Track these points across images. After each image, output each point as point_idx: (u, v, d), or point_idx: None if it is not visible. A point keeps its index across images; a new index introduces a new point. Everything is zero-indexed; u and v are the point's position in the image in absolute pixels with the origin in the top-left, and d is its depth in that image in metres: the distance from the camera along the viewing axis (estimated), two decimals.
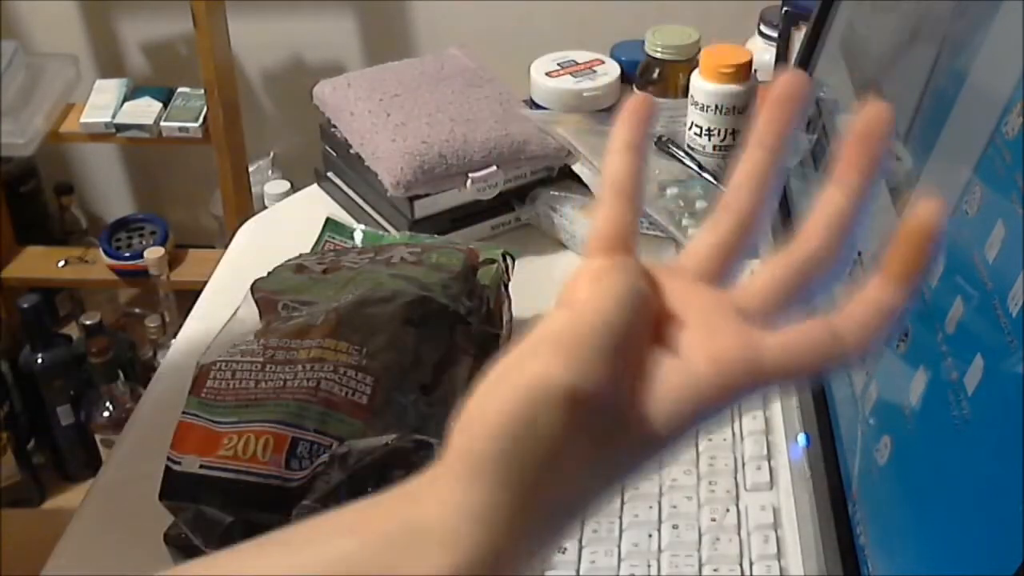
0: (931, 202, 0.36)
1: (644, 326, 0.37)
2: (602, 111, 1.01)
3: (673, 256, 0.38)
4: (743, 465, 0.68)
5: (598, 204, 0.40)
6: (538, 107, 1.03)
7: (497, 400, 0.35)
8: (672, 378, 0.36)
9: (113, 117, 1.82)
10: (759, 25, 1.07)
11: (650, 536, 0.64)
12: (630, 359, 0.36)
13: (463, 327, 0.72)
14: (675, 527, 0.64)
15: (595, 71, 1.03)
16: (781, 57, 0.99)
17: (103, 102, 1.84)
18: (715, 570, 0.62)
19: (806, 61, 0.80)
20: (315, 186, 1.07)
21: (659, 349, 0.36)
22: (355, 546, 0.36)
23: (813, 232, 0.38)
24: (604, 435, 0.35)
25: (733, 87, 0.94)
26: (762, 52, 1.03)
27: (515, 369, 0.36)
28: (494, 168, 0.94)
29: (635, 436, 0.36)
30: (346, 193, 1.02)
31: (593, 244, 0.39)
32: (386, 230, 0.96)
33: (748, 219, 0.40)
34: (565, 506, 0.36)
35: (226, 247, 1.03)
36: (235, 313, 0.76)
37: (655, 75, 1.00)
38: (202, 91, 1.78)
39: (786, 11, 0.97)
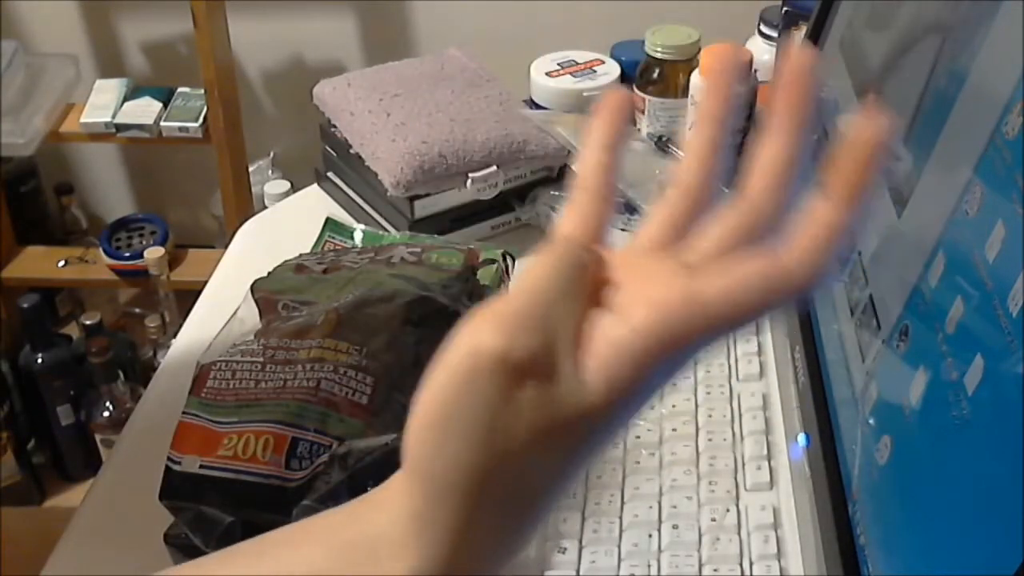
0: (873, 117, 0.34)
1: (581, 292, 0.35)
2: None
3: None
4: (743, 465, 0.68)
5: (569, 202, 0.39)
6: (538, 107, 1.03)
7: (431, 386, 0.34)
8: (609, 333, 0.34)
9: (113, 117, 1.82)
10: (759, 25, 1.07)
11: (650, 536, 0.64)
12: (566, 324, 0.34)
13: None
14: (675, 527, 0.65)
15: (595, 71, 1.03)
16: (781, 57, 0.99)
17: (103, 102, 1.84)
18: (715, 570, 0.62)
19: None
20: (315, 186, 1.07)
21: (599, 311, 0.35)
22: (319, 555, 0.36)
23: (753, 184, 0.37)
24: (546, 405, 0.34)
25: None
26: (762, 52, 1.03)
27: (448, 351, 0.35)
28: (494, 168, 0.94)
29: (579, 402, 0.34)
30: (346, 193, 1.02)
31: (558, 238, 0.38)
32: (386, 230, 0.96)
33: (699, 193, 0.39)
34: (521, 496, 0.35)
35: (226, 247, 1.03)
36: (235, 313, 0.76)
37: (655, 75, 1.00)
38: (202, 91, 1.78)
39: (786, 11, 0.97)
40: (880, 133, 0.34)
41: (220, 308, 0.80)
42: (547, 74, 1.03)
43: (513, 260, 0.81)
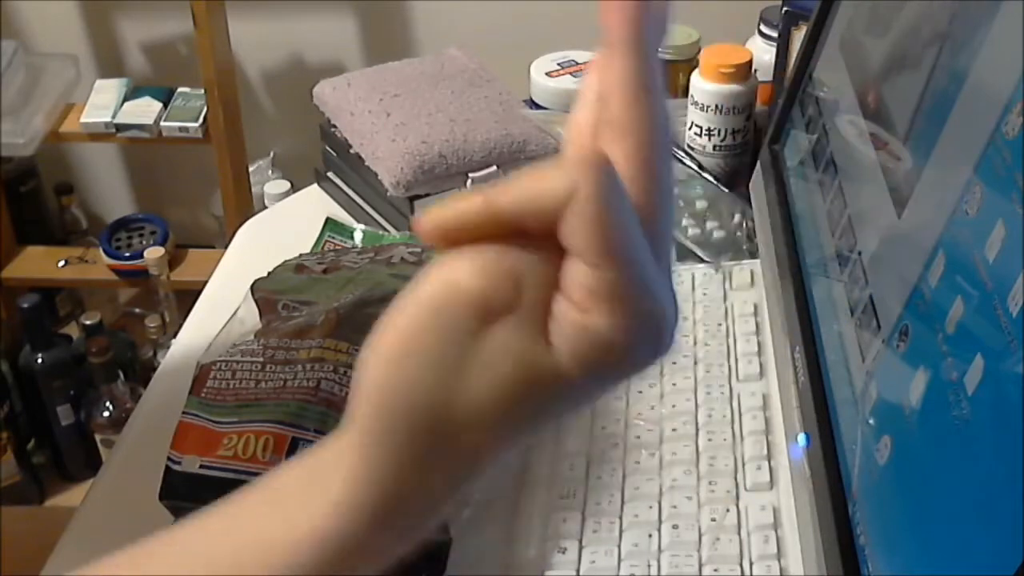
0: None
1: (555, 259, 0.34)
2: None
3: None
4: (743, 465, 0.68)
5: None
6: (538, 107, 1.03)
7: (398, 315, 0.34)
8: (571, 315, 0.33)
9: (113, 117, 1.82)
10: (759, 25, 1.07)
11: (650, 536, 0.64)
12: (540, 286, 0.34)
13: None
14: (675, 527, 0.64)
15: None
16: (781, 57, 0.99)
17: (103, 102, 1.84)
18: (715, 570, 0.62)
19: (806, 61, 0.80)
20: (315, 186, 1.07)
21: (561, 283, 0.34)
22: (257, 498, 0.36)
23: (611, 108, 0.35)
24: (512, 357, 0.33)
25: (733, 87, 0.94)
26: (762, 52, 1.03)
27: (418, 284, 0.34)
28: (494, 168, 0.94)
29: (545, 365, 0.33)
30: (346, 193, 1.02)
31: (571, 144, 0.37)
32: (386, 230, 0.96)
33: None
34: (467, 445, 0.34)
35: (226, 247, 1.04)
36: (235, 313, 0.76)
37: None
38: (202, 91, 1.78)
39: (786, 11, 0.97)
40: None
41: (220, 308, 0.80)
42: (547, 74, 1.03)
43: None
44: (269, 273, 0.79)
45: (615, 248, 0.33)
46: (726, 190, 0.94)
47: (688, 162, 0.97)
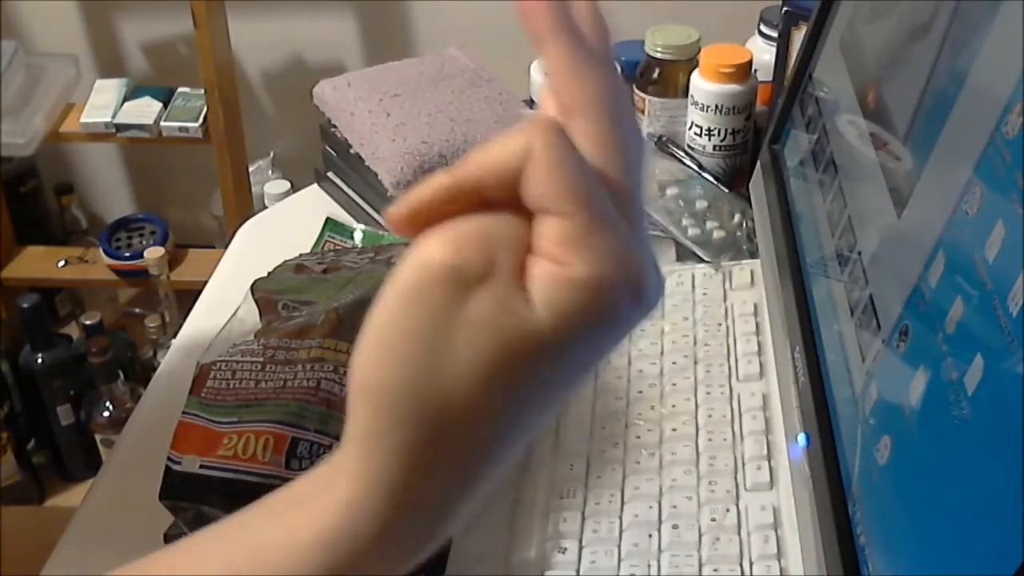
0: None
1: (524, 221, 0.34)
2: None
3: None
4: (743, 465, 0.68)
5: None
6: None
7: (379, 305, 0.34)
8: (551, 271, 0.33)
9: (113, 117, 1.82)
10: (759, 25, 1.07)
11: (650, 536, 0.64)
12: (513, 249, 0.34)
13: None
14: (675, 527, 0.64)
15: None
16: (781, 57, 0.99)
17: (103, 102, 1.84)
18: (715, 570, 0.62)
19: (806, 61, 0.80)
20: (315, 186, 1.07)
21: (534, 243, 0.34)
22: (263, 512, 0.36)
23: (562, 94, 0.36)
24: (494, 325, 0.33)
25: (733, 87, 0.94)
26: (762, 52, 1.03)
27: (399, 269, 0.34)
28: None
29: (529, 328, 0.33)
30: (346, 193, 1.02)
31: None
32: (386, 230, 0.96)
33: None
34: (468, 429, 0.33)
35: (226, 247, 1.04)
36: (235, 313, 0.76)
37: (655, 75, 1.00)
38: (202, 91, 1.78)
39: (786, 11, 0.97)
40: None
41: (220, 308, 0.80)
42: (547, 74, 1.03)
43: None
44: (269, 273, 0.79)
45: (578, 191, 0.33)
46: (726, 190, 0.94)
47: (688, 162, 0.97)
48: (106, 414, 1.70)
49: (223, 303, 0.81)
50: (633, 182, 0.36)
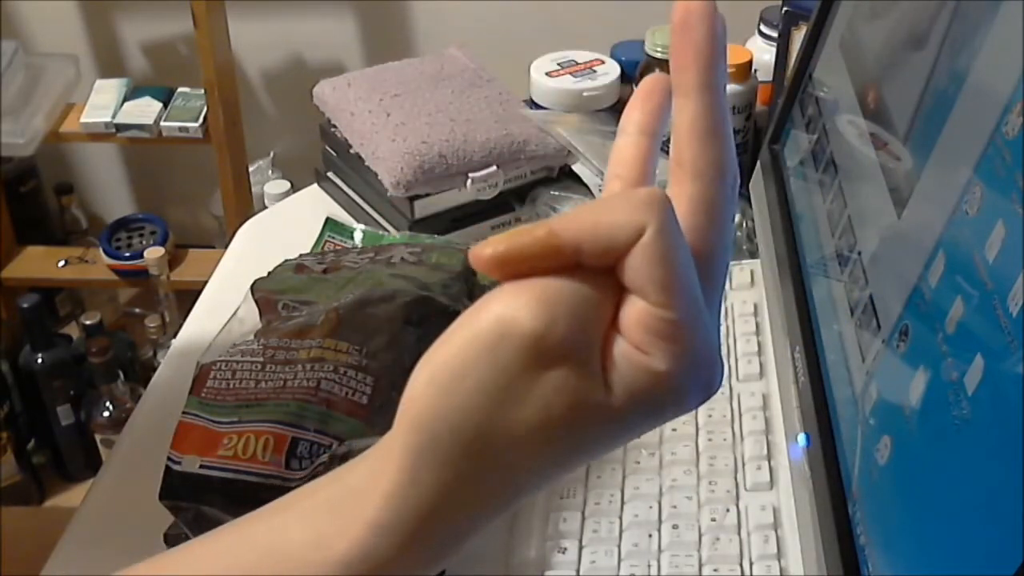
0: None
1: (612, 298, 0.34)
2: (602, 111, 1.01)
3: None
4: (743, 465, 0.68)
5: (606, 192, 0.38)
6: (538, 107, 1.03)
7: (448, 343, 0.34)
8: (632, 356, 0.34)
9: (113, 117, 1.82)
10: (759, 25, 1.07)
11: (650, 536, 0.64)
12: (599, 324, 0.34)
13: None
14: (675, 527, 0.64)
15: (595, 71, 1.03)
16: (781, 57, 0.99)
17: (103, 102, 1.84)
18: (715, 570, 0.62)
19: (806, 61, 0.80)
20: (315, 186, 1.07)
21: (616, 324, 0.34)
22: (292, 518, 0.36)
23: (681, 150, 0.36)
24: (565, 396, 0.33)
25: (733, 87, 0.94)
26: (762, 52, 1.03)
27: (472, 314, 0.34)
28: (494, 168, 0.94)
29: (601, 405, 0.33)
30: (346, 193, 1.02)
31: None
32: (386, 230, 0.96)
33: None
34: (508, 476, 0.34)
35: (226, 247, 1.04)
36: (235, 313, 0.76)
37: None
38: (202, 91, 1.78)
39: (786, 11, 0.97)
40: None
41: (220, 308, 0.80)
42: (547, 74, 1.03)
43: None
44: (269, 273, 0.79)
45: (679, 289, 0.33)
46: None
47: None
48: (106, 414, 1.70)
49: (223, 303, 0.81)
50: (721, 260, 0.36)
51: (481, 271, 0.34)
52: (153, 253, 1.78)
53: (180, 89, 1.87)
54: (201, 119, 1.80)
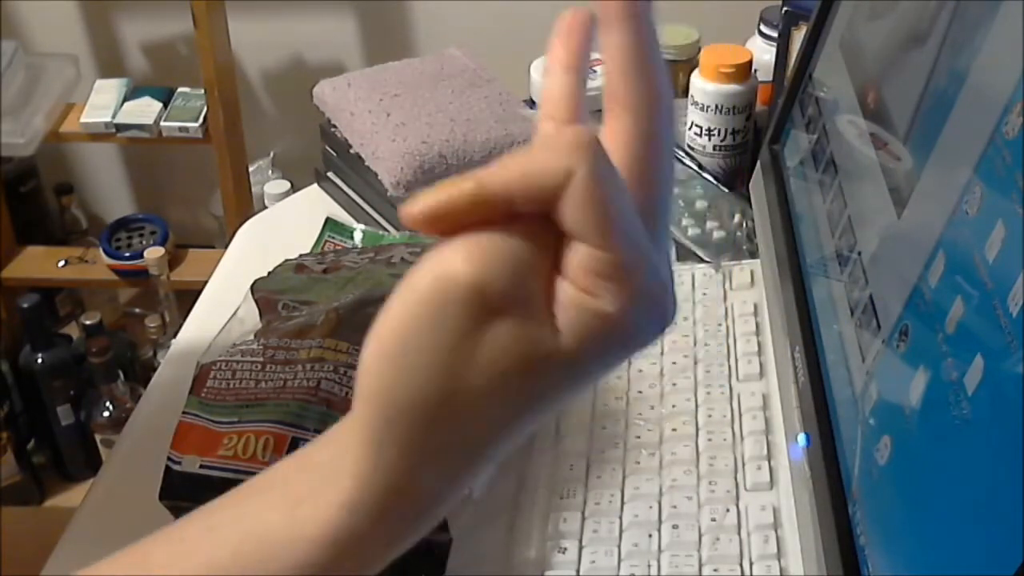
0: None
1: (550, 243, 0.33)
2: (602, 111, 1.01)
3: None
4: (743, 465, 0.68)
5: (536, 136, 0.37)
6: (538, 107, 1.03)
7: (392, 311, 0.33)
8: (576, 299, 0.33)
9: (113, 117, 1.82)
10: (759, 25, 1.07)
11: (650, 536, 0.64)
12: (539, 269, 0.33)
13: None
14: (675, 527, 0.64)
15: (595, 71, 1.03)
16: (781, 57, 0.99)
17: (103, 102, 1.84)
18: (715, 570, 0.62)
19: (806, 61, 0.80)
20: (315, 186, 1.07)
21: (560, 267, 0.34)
22: (258, 504, 0.36)
23: (614, 84, 0.35)
24: (513, 346, 0.32)
25: (733, 87, 0.94)
26: (762, 52, 1.03)
27: (412, 277, 0.33)
28: None
29: (551, 352, 0.33)
30: (346, 193, 1.02)
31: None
32: (386, 230, 0.96)
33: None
34: (471, 435, 0.34)
35: (226, 247, 1.04)
36: (235, 313, 0.76)
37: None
38: (202, 91, 1.78)
39: (786, 11, 0.97)
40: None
41: (220, 308, 0.80)
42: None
43: None
44: (269, 273, 0.79)
45: (618, 228, 0.32)
46: (726, 190, 0.94)
47: (688, 162, 0.97)
48: (106, 414, 1.70)
49: (223, 303, 0.81)
50: (664, 191, 0.35)
51: (413, 229, 0.34)
52: (153, 253, 1.78)
53: (180, 89, 1.87)
54: (201, 119, 1.80)
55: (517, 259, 0.33)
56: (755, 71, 0.96)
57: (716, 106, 0.94)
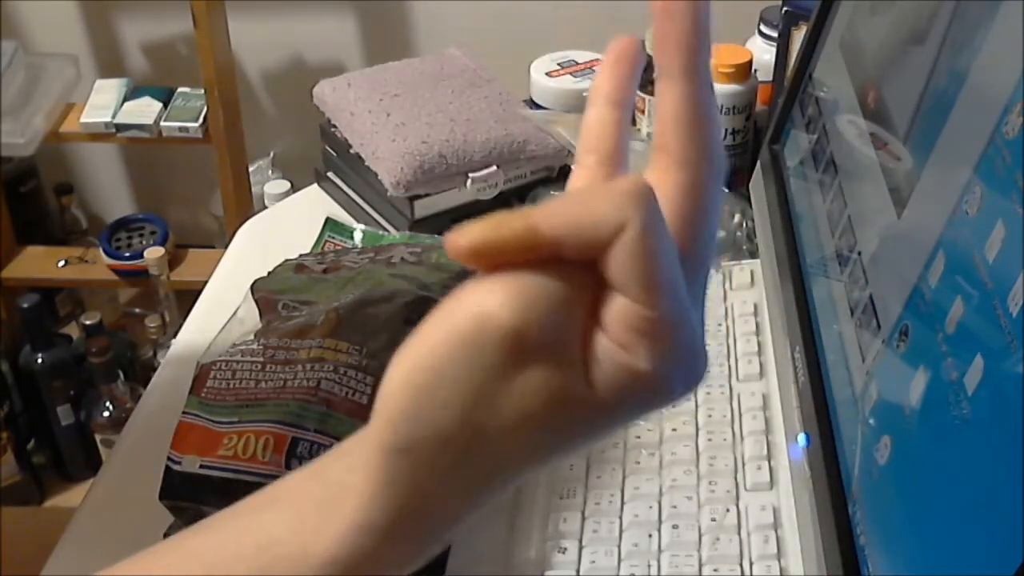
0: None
1: (588, 290, 0.33)
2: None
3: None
4: (743, 465, 0.68)
5: (576, 167, 0.37)
6: (538, 107, 1.03)
7: (423, 341, 0.32)
8: (614, 354, 0.33)
9: (113, 117, 1.82)
10: (759, 25, 1.07)
11: (650, 536, 0.64)
12: (576, 318, 0.33)
13: None
14: (675, 527, 0.64)
15: (595, 71, 1.03)
16: (781, 57, 0.99)
17: (103, 102, 1.84)
18: (715, 570, 0.62)
19: (806, 61, 0.80)
20: (315, 186, 1.07)
21: (596, 320, 0.33)
22: (272, 518, 0.36)
23: (666, 136, 0.34)
24: (545, 394, 0.32)
25: (733, 87, 0.94)
26: (762, 52, 1.03)
27: (449, 309, 0.32)
28: (494, 168, 0.94)
29: (584, 402, 0.33)
30: (346, 193, 1.02)
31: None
32: (386, 230, 0.96)
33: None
34: (490, 473, 0.34)
35: (226, 247, 1.04)
36: (235, 313, 0.76)
37: (655, 75, 1.00)
38: (202, 91, 1.78)
39: (786, 11, 0.97)
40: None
41: (220, 308, 0.80)
42: (547, 74, 1.03)
43: None
44: (269, 273, 0.79)
45: (662, 286, 0.32)
46: (726, 190, 0.94)
47: None
48: (106, 414, 1.70)
49: (223, 303, 0.81)
50: (707, 250, 0.35)
51: (456, 260, 0.33)
52: (153, 253, 1.78)
53: (180, 89, 1.87)
54: (201, 119, 1.80)
55: (557, 305, 0.32)
56: (755, 71, 0.96)
57: (716, 106, 0.94)
